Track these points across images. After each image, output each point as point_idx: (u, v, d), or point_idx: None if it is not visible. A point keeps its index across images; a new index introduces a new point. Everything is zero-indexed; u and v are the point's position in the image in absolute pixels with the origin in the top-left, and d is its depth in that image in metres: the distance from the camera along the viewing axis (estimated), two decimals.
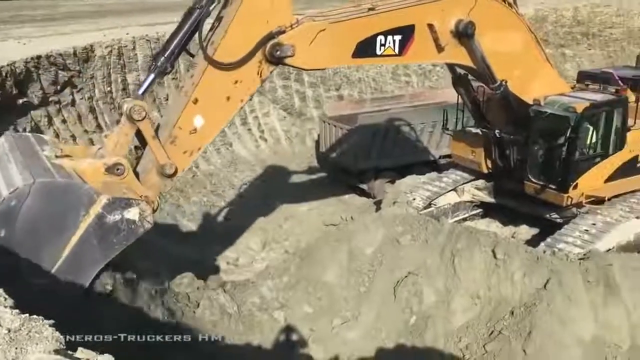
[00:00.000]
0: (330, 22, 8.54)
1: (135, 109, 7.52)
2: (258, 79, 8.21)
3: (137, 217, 6.89)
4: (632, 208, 12.16)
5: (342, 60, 9.45)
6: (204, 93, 7.94)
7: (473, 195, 14.10)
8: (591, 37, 29.86)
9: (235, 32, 7.79)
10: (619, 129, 11.90)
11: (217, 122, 8.32)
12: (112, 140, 7.89)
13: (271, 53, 7.93)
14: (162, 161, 7.87)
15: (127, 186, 7.47)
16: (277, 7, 7.86)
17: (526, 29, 11.04)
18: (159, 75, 8.09)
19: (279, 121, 20.76)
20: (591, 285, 9.52)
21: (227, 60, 7.83)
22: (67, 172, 7.00)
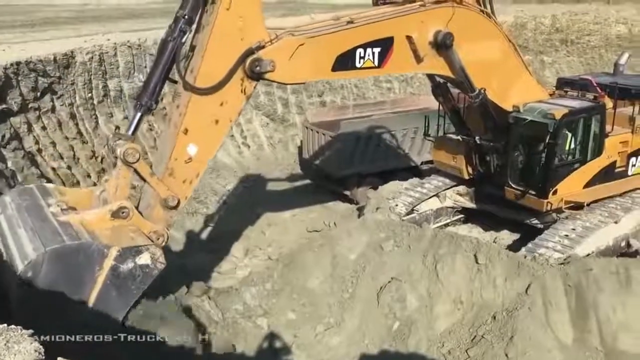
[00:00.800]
0: (309, 36, 8.52)
1: (129, 152, 7.60)
2: (242, 96, 8.21)
3: (149, 261, 7.15)
4: (611, 213, 12.32)
5: (322, 74, 9.48)
6: (193, 122, 7.94)
7: (455, 201, 14.22)
8: (569, 44, 30.30)
9: (211, 56, 7.76)
10: (597, 135, 12.07)
11: (210, 146, 8.34)
12: (112, 184, 7.96)
13: (251, 69, 7.91)
14: (164, 195, 7.98)
15: (135, 228, 7.64)
16: (249, 23, 7.82)
17: (504, 38, 11.16)
18: (145, 114, 8.11)
19: (262, 127, 20.75)
20: (572, 289, 9.65)
21: (208, 84, 7.81)
22: (75, 230, 7.17)
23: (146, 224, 7.84)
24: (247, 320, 9.85)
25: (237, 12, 7.66)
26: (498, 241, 13.29)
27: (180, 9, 7.81)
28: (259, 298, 10.18)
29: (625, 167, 12.83)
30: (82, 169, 15.12)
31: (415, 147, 17.17)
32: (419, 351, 9.55)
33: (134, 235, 7.45)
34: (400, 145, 17.04)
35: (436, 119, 13.92)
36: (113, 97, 17.35)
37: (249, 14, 7.77)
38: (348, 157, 16.20)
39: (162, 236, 7.93)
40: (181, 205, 8.22)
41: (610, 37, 31.46)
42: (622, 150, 12.61)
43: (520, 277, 9.87)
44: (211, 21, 7.68)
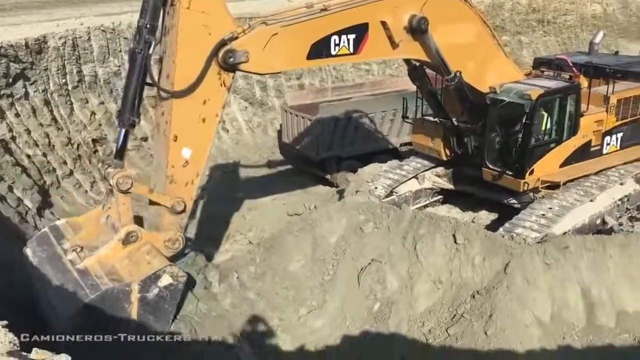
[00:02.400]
0: (283, 25, 8.46)
1: (121, 181, 7.73)
2: (223, 89, 8.15)
3: (171, 280, 7.51)
4: (587, 192, 12.51)
5: (297, 62, 9.41)
6: (180, 126, 7.91)
7: (433, 182, 14.31)
8: (546, 24, 30.48)
9: (183, 58, 7.68)
10: (573, 114, 12.21)
11: (203, 145, 8.33)
12: (114, 212, 8.10)
13: (224, 60, 7.84)
14: (168, 204, 8.10)
15: (149, 247, 7.87)
16: (214, 18, 7.72)
17: (479, 20, 11.17)
18: (129, 130, 8.08)
19: (240, 112, 20.60)
20: (549, 267, 9.81)
21: (187, 86, 7.73)
22: (96, 275, 7.51)
23: (157, 237, 8.10)
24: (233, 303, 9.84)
25: (198, 9, 7.54)
26: (476, 221, 13.45)
27: (141, 18, 7.66)
28: (247, 281, 10.17)
29: (600, 146, 13.03)
30: (57, 156, 14.91)
31: (394, 129, 17.22)
32: (400, 331, 9.65)
33: (149, 259, 7.73)
34: (379, 127, 17.07)
35: (414, 100, 13.95)
36: (88, 83, 17.06)
37: (211, 8, 7.67)
38: (327, 140, 16.19)
39: (177, 241, 8.25)
40: (188, 206, 8.36)
41: (586, 16, 31.76)
42: (597, 129, 12.78)
43: (499, 256, 9.99)
44: (175, 23, 7.57)
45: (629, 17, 33.45)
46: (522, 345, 8.95)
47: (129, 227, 7.85)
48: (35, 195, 13.23)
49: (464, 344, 9.06)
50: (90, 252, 7.98)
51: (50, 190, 14.04)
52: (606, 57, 16.02)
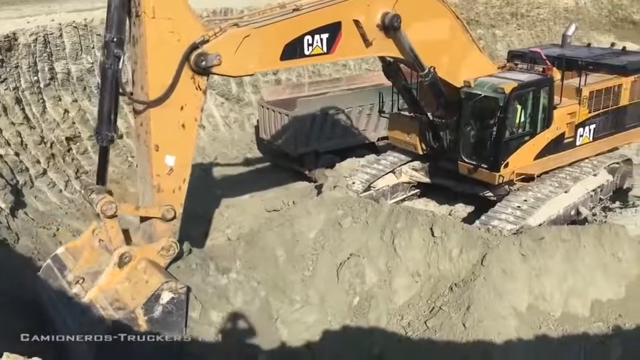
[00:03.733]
0: (255, 27, 8.39)
1: (105, 208, 7.77)
2: (199, 92, 8.08)
3: (172, 294, 7.64)
4: (561, 183, 12.69)
5: (271, 64, 9.34)
6: (160, 135, 7.85)
7: (410, 176, 14.39)
8: (520, 17, 30.79)
9: (154, 68, 7.59)
10: (546, 107, 12.34)
11: (186, 150, 8.29)
12: (105, 236, 8.16)
13: (196, 64, 7.75)
14: (158, 214, 8.11)
15: (145, 264, 7.91)
16: (180, 23, 7.62)
17: (452, 16, 11.19)
18: (108, 146, 8.04)
19: (217, 107, 20.46)
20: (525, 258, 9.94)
21: (162, 94, 7.65)
22: (101, 307, 7.67)
23: (151, 249, 8.15)
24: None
25: (164, 17, 7.45)
26: (453, 214, 13.57)
27: (107, 32, 7.54)
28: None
29: (574, 137, 13.21)
30: (30, 155, 14.66)
31: (372, 124, 17.27)
32: (380, 325, 9.71)
33: (147, 277, 7.82)
34: (356, 122, 17.10)
35: (390, 95, 14.00)
36: (60, 80, 16.78)
37: (176, 14, 7.56)
38: (305, 135, 16.18)
39: (171, 247, 8.29)
40: (178, 212, 8.35)
41: (558, 9, 32.16)
42: (570, 121, 12.95)
43: (476, 249, 10.09)
44: (142, 33, 7.46)
45: (600, 10, 33.97)
46: (500, 336, 9.05)
47: (121, 250, 7.92)
48: (8, 195, 12.99)
49: (442, 336, 9.14)
50: (93, 279, 8.13)
51: (23, 190, 13.80)
52: (579, 49, 16.25)
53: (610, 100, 13.74)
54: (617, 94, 13.83)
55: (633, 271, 10.53)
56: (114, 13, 7.42)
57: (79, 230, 13.40)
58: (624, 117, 14.27)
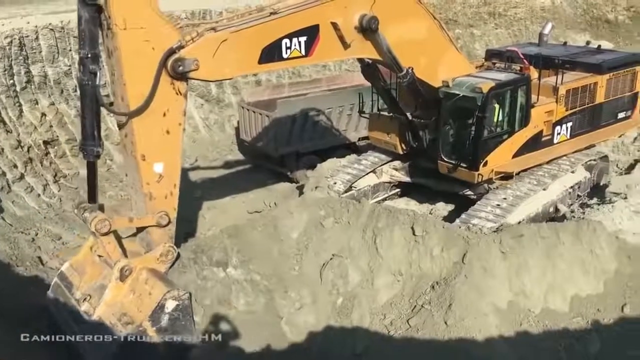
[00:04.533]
0: (232, 31, 8.33)
1: (100, 226, 7.77)
2: (180, 97, 8.02)
3: (176, 301, 7.71)
4: (539, 181, 12.82)
5: (249, 68, 9.31)
6: (146, 144, 7.80)
7: (391, 176, 14.45)
8: (497, 16, 31.09)
9: (132, 78, 7.52)
10: (524, 106, 12.46)
11: (173, 155, 8.24)
12: (103, 252, 8.21)
13: (174, 69, 7.68)
14: (153, 222, 8.13)
15: (146, 274, 7.93)
16: (153, 31, 7.54)
17: (429, 16, 11.22)
18: (95, 161, 8.02)
19: (196, 109, 20.33)
20: (505, 255, 10.05)
21: (142, 103, 7.59)
22: (110, 323, 7.78)
23: (150, 257, 8.17)
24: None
25: (136, 27, 7.37)
26: (434, 213, 13.65)
27: (81, 48, 7.47)
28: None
29: (551, 135, 13.35)
30: (7, 160, 14.46)
31: (352, 124, 17.32)
32: (363, 325, 9.75)
33: (149, 288, 7.88)
34: (337, 122, 17.14)
35: (370, 95, 14.05)
36: (37, 83, 16.57)
37: (148, 22, 7.48)
38: (286, 136, 16.18)
39: (169, 253, 8.32)
40: (172, 217, 8.35)
41: (535, 9, 32.55)
42: (547, 119, 13.08)
43: (456, 247, 10.18)
44: (116, 46, 7.38)
45: (575, 10, 34.45)
46: (481, 333, 9.15)
47: (120, 264, 7.94)
48: None
49: (424, 334, 9.21)
50: (100, 294, 8.19)
51: (0, 195, 13.61)
52: (555, 48, 16.44)
53: (587, 98, 13.92)
54: (593, 91, 14.02)
55: (611, 266, 10.72)
56: (86, 29, 7.35)
57: (58, 235, 13.26)
58: (600, 115, 14.48)
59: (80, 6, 7.31)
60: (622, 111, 15.11)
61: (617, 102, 14.82)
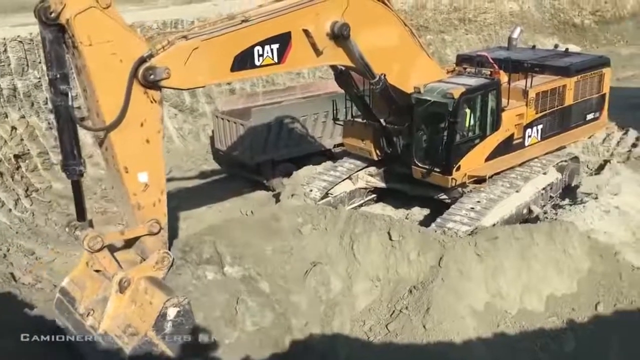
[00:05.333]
0: (203, 39, 8.30)
1: (92, 244, 7.73)
2: (155, 105, 7.94)
3: (177, 309, 7.77)
4: (512, 183, 13.00)
5: (221, 76, 9.24)
6: (127, 156, 7.74)
7: (367, 182, 14.53)
8: (467, 22, 31.52)
9: (104, 93, 7.45)
10: (494, 110, 12.64)
11: (156, 163, 8.18)
12: (99, 267, 8.18)
13: (145, 78, 7.60)
14: (144, 231, 8.10)
15: (145, 284, 7.95)
16: (119, 44, 7.45)
17: (400, 23, 11.33)
18: (79, 179, 7.96)
19: (170, 119, 20.19)
20: (481, 258, 10.17)
21: (118, 116, 7.53)
22: (116, 335, 7.80)
23: (146, 266, 8.16)
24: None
25: (102, 41, 7.29)
26: (410, 217, 13.75)
27: (49, 70, 7.41)
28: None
29: (522, 138, 13.56)
30: None
31: (327, 131, 17.37)
32: (343, 332, 9.74)
33: (149, 298, 7.91)
34: (312, 129, 17.17)
35: (344, 102, 14.12)
36: (6, 96, 16.31)
37: (114, 35, 7.41)
38: (261, 144, 16.16)
39: (165, 258, 8.30)
40: (163, 223, 8.31)
41: (504, 14, 33.07)
42: (518, 122, 13.28)
43: (433, 251, 10.27)
44: (83, 63, 7.30)
45: (543, 14, 35.10)
46: (459, 336, 9.23)
47: (117, 277, 7.95)
48: None
49: (403, 339, 9.26)
50: (103, 307, 8.20)
51: None
52: (524, 51, 16.73)
53: (556, 100, 14.19)
54: (561, 94, 14.30)
55: (584, 266, 10.90)
56: (51, 50, 7.27)
57: (30, 250, 13.04)
58: (570, 117, 14.77)
59: (42, 28, 7.23)
60: (590, 113, 15.44)
61: (586, 104, 15.14)
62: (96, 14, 7.13)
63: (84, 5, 7.04)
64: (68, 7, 6.99)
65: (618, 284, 10.73)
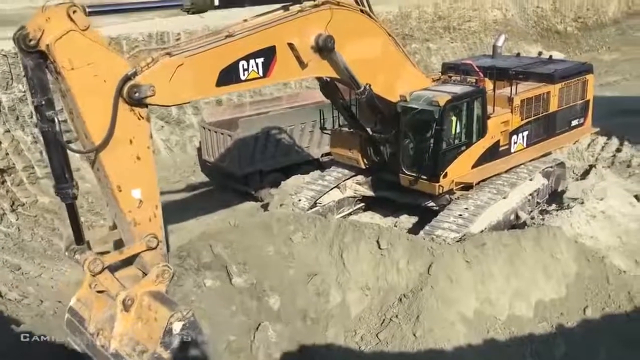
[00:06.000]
0: (188, 55, 8.28)
1: (92, 267, 7.64)
2: (142, 122, 7.88)
3: (182, 322, 7.68)
4: (499, 190, 13.07)
5: (207, 91, 9.21)
6: (119, 175, 7.65)
7: (355, 191, 14.55)
8: (452, 30, 31.84)
9: (90, 115, 7.34)
10: (480, 117, 12.72)
11: (149, 179, 8.05)
12: (103, 288, 8.12)
13: (130, 96, 7.51)
14: (143, 247, 8.03)
15: (147, 300, 7.90)
16: (102, 64, 7.35)
17: (384, 34, 11.39)
18: (74, 202, 7.84)
19: (157, 131, 20.15)
20: (470, 264, 10.20)
21: (106, 136, 7.48)
22: (127, 354, 7.77)
23: (147, 282, 8.08)
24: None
25: (84, 64, 7.19)
26: (398, 225, 13.76)
27: (33, 97, 7.29)
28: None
29: (508, 145, 13.65)
30: None
31: (315, 140, 17.41)
32: (337, 342, 9.70)
33: (153, 314, 7.85)
34: (299, 139, 17.21)
35: (330, 111, 14.17)
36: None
37: (95, 57, 7.30)
38: (249, 155, 16.16)
39: (165, 272, 8.19)
40: (161, 237, 8.23)
41: (488, 22, 33.45)
42: (504, 129, 13.36)
43: (422, 258, 10.28)
44: (67, 87, 7.23)
45: (526, 22, 35.54)
46: (450, 343, 9.24)
47: (121, 296, 7.89)
48: None
49: (394, 347, 9.24)
50: (111, 325, 8.14)
51: None
52: (509, 59, 16.88)
53: (541, 107, 14.32)
54: (546, 101, 14.44)
55: (571, 270, 10.97)
56: (33, 77, 7.16)
57: (17, 265, 12.90)
58: (555, 123, 14.90)
59: (22, 55, 7.16)
60: (575, 119, 15.60)
61: (570, 110, 15.29)
62: (76, 37, 7.04)
63: (63, 29, 6.93)
64: (47, 33, 6.89)
65: (606, 288, 10.81)
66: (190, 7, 8.28)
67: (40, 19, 6.84)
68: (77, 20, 6.91)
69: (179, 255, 9.39)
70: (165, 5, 9.57)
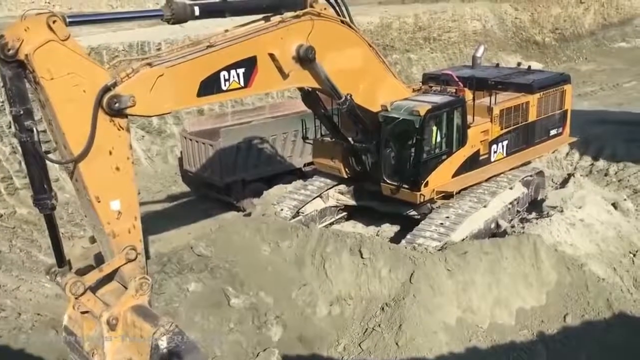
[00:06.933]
0: (168, 65, 8.26)
1: (74, 290, 7.48)
2: (122, 132, 7.81)
3: (166, 335, 7.55)
4: (480, 198, 13.18)
5: (188, 101, 9.13)
6: (98, 186, 7.53)
7: (337, 200, 14.57)
8: (432, 41, 32.13)
9: (69, 126, 7.23)
10: (460, 127, 12.83)
11: (128, 190, 7.90)
12: (86, 309, 7.98)
13: (109, 107, 7.41)
14: (123, 260, 7.88)
15: (131, 317, 7.78)
16: (81, 74, 7.24)
17: (365, 44, 11.46)
18: (52, 214, 7.64)
19: (137, 141, 19.98)
20: (451, 273, 10.26)
21: (85, 146, 7.43)
22: None
23: (127, 298, 7.93)
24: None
25: (63, 74, 7.09)
26: (380, 234, 13.78)
27: (12, 107, 7.12)
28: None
29: (488, 154, 13.78)
30: None
31: (297, 150, 17.41)
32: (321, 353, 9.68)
33: (139, 332, 7.74)
34: (281, 149, 17.21)
35: (312, 121, 14.20)
36: None
37: (75, 67, 7.21)
38: (231, 164, 16.12)
39: (145, 284, 8.05)
40: (139, 248, 8.08)
41: (468, 32, 33.82)
42: (483, 139, 13.48)
43: (404, 267, 10.33)
44: (46, 97, 7.19)
45: (505, 32, 35.99)
46: (432, 352, 9.28)
47: (104, 317, 7.76)
48: None
49: (377, 356, 9.27)
50: (102, 344, 7.95)
51: None
52: (488, 69, 17.08)
53: (520, 117, 14.48)
54: (525, 110, 14.61)
55: (551, 278, 11.10)
56: (12, 87, 7.08)
57: None
58: (534, 132, 15.08)
59: (0, 65, 7.10)
60: (553, 128, 15.80)
61: (549, 120, 15.50)
62: (55, 47, 6.95)
63: (42, 39, 6.84)
64: (26, 43, 6.78)
65: (585, 295, 10.95)
66: (171, 17, 8.23)
67: (19, 29, 6.75)
68: (57, 30, 6.85)
69: (159, 261, 9.30)
70: (146, 15, 9.56)
